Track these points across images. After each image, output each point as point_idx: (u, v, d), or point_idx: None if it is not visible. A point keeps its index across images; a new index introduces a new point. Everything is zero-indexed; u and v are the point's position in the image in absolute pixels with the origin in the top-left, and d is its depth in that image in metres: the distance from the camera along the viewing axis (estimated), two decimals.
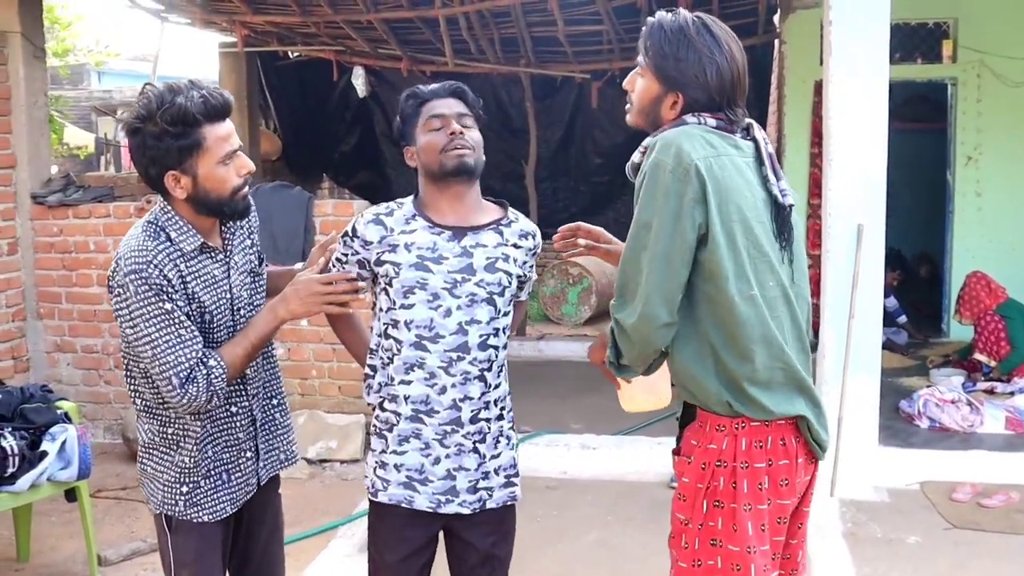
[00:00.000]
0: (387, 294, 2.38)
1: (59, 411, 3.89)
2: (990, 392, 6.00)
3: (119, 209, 5.87)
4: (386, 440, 2.41)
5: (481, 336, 2.36)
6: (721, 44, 2.09)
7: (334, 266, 2.46)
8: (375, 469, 2.43)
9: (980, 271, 6.50)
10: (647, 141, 2.14)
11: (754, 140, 2.16)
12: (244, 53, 8.94)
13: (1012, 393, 5.90)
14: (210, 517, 2.38)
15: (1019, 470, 5.01)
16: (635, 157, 2.18)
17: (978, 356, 6.38)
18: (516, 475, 2.51)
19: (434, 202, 2.40)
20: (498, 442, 2.45)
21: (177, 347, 2.20)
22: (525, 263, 2.48)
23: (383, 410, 2.42)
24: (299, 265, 2.72)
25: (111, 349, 5.95)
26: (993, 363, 6.28)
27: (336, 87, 10.23)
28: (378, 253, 2.37)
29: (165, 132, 2.16)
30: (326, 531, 4.44)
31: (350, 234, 2.41)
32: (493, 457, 2.44)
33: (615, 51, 8.66)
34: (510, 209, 2.51)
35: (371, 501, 2.46)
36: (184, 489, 2.35)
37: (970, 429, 5.50)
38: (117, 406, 5.96)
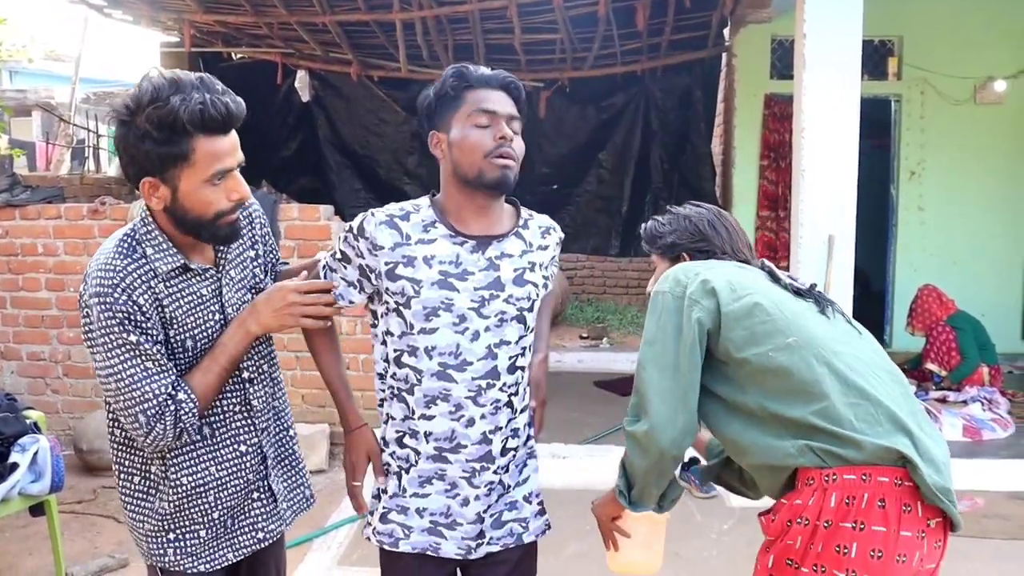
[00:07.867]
0: (400, 316, 2.04)
1: (27, 421, 3.69)
2: (943, 401, 6.15)
3: (71, 211, 5.63)
4: (400, 481, 2.12)
5: (510, 358, 2.08)
6: None
7: (325, 268, 2.15)
8: (389, 513, 2.12)
9: (931, 284, 6.65)
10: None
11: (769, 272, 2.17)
12: (188, 54, 8.68)
13: (964, 402, 6.05)
14: (207, 567, 2.11)
15: (980, 476, 5.15)
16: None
17: (929, 366, 6.52)
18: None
19: (457, 209, 2.08)
20: (525, 466, 2.22)
21: (144, 381, 1.92)
22: (549, 266, 2.20)
23: (401, 446, 2.11)
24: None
25: (59, 356, 5.70)
26: (944, 372, 6.43)
27: (279, 91, 9.99)
28: (389, 264, 2.03)
29: (147, 134, 1.86)
30: (301, 544, 4.29)
31: (355, 232, 2.06)
32: (520, 484, 2.19)
33: (567, 60, 8.65)
34: (522, 207, 2.22)
35: (384, 550, 2.15)
36: (171, 536, 2.08)
37: None
38: (66, 416, 5.71)
